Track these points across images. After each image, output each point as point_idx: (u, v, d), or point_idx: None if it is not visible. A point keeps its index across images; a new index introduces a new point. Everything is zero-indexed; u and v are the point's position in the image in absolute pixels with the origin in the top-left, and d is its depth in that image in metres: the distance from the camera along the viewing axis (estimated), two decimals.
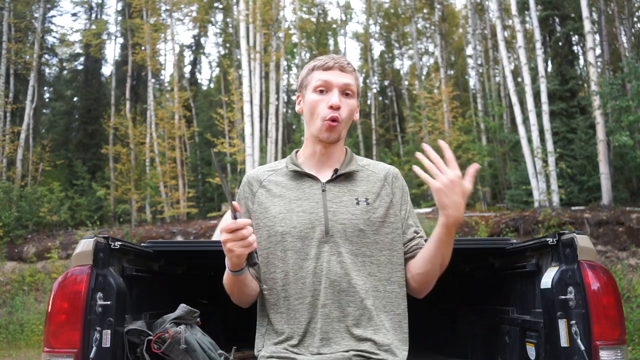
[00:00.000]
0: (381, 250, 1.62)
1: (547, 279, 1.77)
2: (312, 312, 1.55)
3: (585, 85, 18.34)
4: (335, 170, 1.66)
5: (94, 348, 1.63)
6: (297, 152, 1.76)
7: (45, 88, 26.07)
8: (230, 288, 1.59)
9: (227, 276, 1.56)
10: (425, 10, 24.55)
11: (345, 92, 1.62)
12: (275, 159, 17.95)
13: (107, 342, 1.67)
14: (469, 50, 24.68)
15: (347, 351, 1.52)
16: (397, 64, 29.69)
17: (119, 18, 24.36)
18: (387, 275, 1.61)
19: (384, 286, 1.60)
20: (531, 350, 1.94)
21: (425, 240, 1.67)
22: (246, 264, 1.48)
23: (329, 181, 1.65)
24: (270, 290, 1.62)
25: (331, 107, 1.59)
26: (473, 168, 1.46)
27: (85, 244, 1.72)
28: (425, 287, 1.66)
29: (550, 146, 13.85)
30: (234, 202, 1.42)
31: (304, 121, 1.73)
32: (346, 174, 1.66)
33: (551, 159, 13.69)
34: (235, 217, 1.41)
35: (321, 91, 1.62)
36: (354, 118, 1.68)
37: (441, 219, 1.49)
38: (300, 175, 1.68)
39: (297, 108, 1.73)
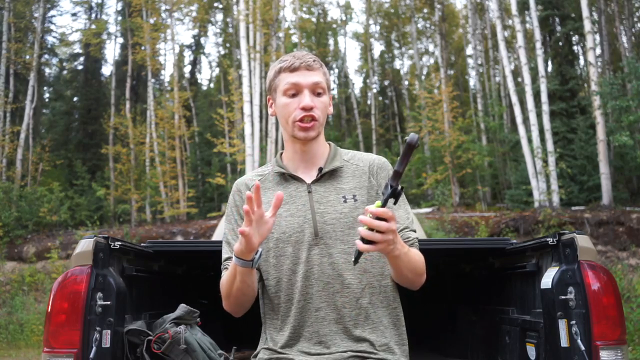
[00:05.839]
0: None
1: (547, 279, 1.77)
2: (306, 316, 1.55)
3: (585, 85, 18.34)
4: (320, 169, 1.63)
5: (94, 348, 1.63)
6: (282, 154, 1.72)
7: (45, 88, 26.05)
8: (230, 287, 1.51)
9: (231, 273, 1.49)
10: (425, 10, 24.54)
11: (316, 91, 1.58)
12: None
13: (107, 342, 1.67)
14: (469, 50, 24.68)
15: (345, 352, 1.52)
16: (397, 64, 29.70)
17: (119, 18, 24.37)
18: (380, 269, 1.60)
19: (378, 281, 1.60)
20: (531, 351, 1.94)
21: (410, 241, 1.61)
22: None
23: (314, 181, 1.62)
24: (267, 297, 1.63)
25: (304, 109, 1.56)
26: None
27: (85, 244, 1.72)
28: (410, 287, 1.62)
29: (550, 146, 13.85)
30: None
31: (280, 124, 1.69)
32: (331, 171, 1.63)
33: (551, 159, 13.69)
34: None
35: (292, 95, 1.58)
36: (328, 112, 1.65)
37: None
38: (285, 177, 1.65)
39: (270, 111, 1.68)
